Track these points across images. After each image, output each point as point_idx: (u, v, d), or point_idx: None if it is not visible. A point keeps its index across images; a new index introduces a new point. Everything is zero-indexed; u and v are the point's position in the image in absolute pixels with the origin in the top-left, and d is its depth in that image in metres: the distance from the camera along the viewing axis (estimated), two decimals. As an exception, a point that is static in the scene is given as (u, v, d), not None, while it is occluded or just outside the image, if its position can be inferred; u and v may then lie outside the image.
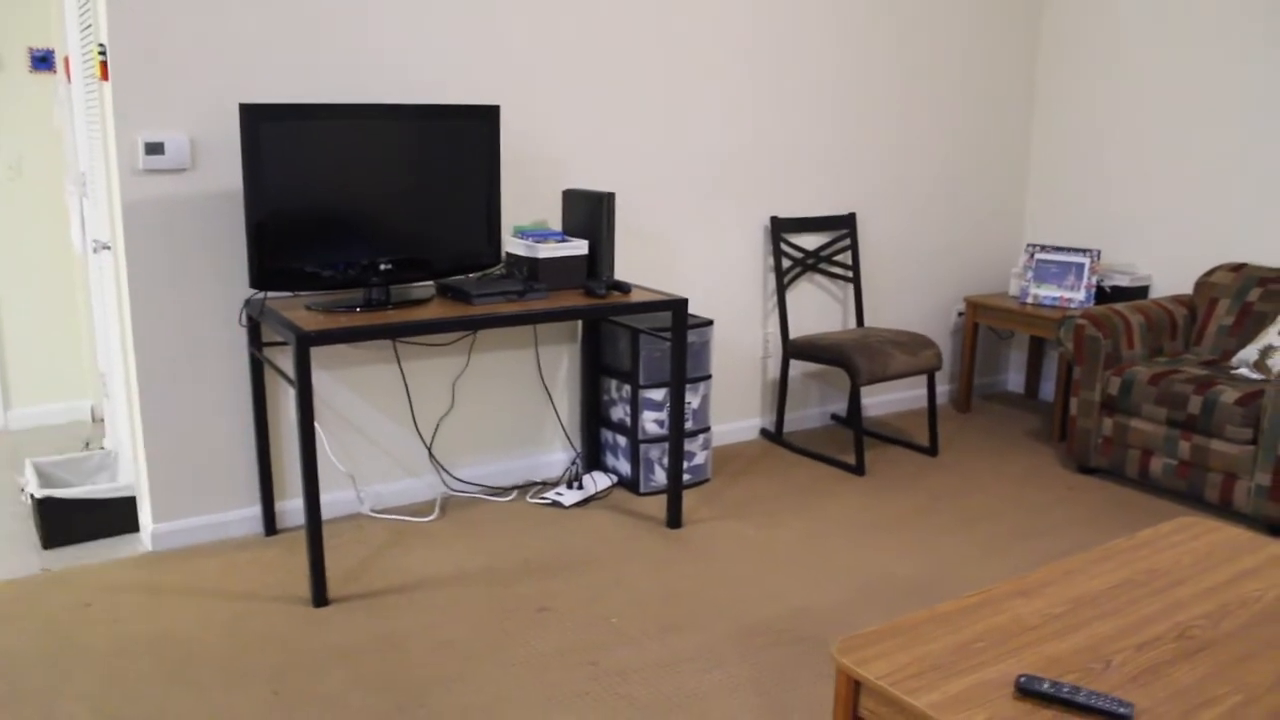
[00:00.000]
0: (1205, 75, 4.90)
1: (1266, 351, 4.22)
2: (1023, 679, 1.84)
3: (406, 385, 3.94)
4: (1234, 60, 4.79)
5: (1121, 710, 1.78)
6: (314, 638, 3.00)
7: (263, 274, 3.23)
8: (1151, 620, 2.18)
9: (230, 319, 3.56)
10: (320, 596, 3.20)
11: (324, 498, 3.86)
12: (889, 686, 1.86)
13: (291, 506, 3.79)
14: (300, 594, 3.27)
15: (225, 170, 3.46)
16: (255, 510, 3.73)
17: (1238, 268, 4.69)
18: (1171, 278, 5.16)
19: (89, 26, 3.53)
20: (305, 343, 3.03)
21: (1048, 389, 5.82)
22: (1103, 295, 5.11)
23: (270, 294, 3.56)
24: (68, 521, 3.60)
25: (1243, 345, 4.52)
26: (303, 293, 3.60)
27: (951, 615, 2.15)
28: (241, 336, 3.59)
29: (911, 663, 1.94)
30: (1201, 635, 2.12)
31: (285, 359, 3.66)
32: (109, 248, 3.65)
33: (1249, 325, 4.53)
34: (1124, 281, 5.10)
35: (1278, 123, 4.65)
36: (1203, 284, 4.78)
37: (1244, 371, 4.29)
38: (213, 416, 3.60)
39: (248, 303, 3.52)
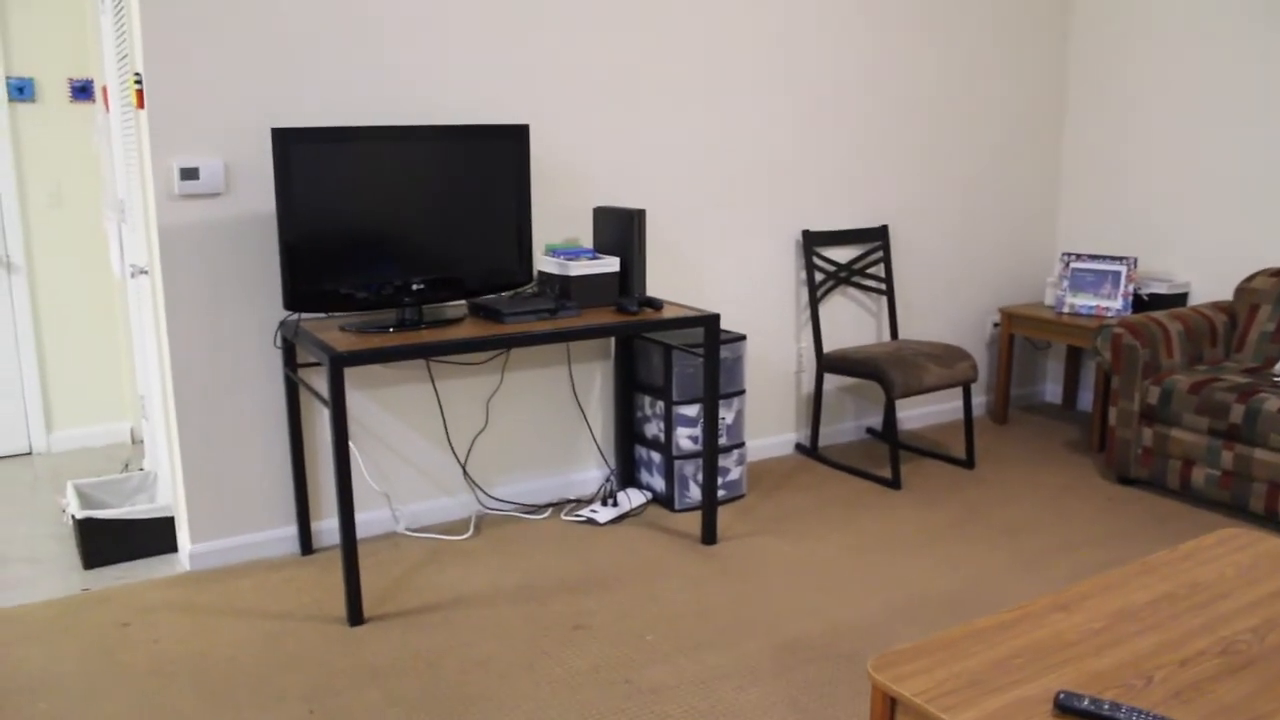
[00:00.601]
0: (1239, 78, 4.85)
1: (1309, 359, 4.16)
2: (1062, 696, 1.82)
3: (440, 404, 3.96)
4: (1269, 62, 4.73)
5: (1162, 726, 1.76)
6: (350, 656, 3.02)
7: (296, 296, 3.25)
8: (1194, 635, 2.14)
9: (265, 341, 3.60)
10: (356, 615, 3.21)
11: (359, 517, 3.88)
12: (925, 703, 1.84)
13: (327, 526, 3.81)
14: (336, 613, 3.28)
15: (259, 193, 3.50)
16: (291, 530, 3.75)
17: (1278, 273, 4.63)
18: (1211, 284, 5.09)
19: (125, 56, 3.58)
20: (339, 363, 3.05)
21: (1086, 399, 5.75)
22: (1140, 303, 5.05)
23: (304, 315, 3.59)
24: (107, 542, 3.64)
25: (1285, 353, 4.45)
26: (336, 314, 3.63)
27: (989, 631, 2.12)
28: (276, 358, 3.63)
29: (948, 679, 1.92)
30: (1247, 650, 2.08)
31: (320, 380, 3.69)
32: (146, 272, 3.69)
33: (1291, 333, 4.46)
34: (1162, 289, 5.04)
35: (1316, 127, 4.59)
36: (1243, 290, 4.71)
37: (1286, 380, 4.23)
38: (249, 437, 3.63)
39: (282, 324, 3.55)
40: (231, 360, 3.55)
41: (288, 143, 3.16)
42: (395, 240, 3.40)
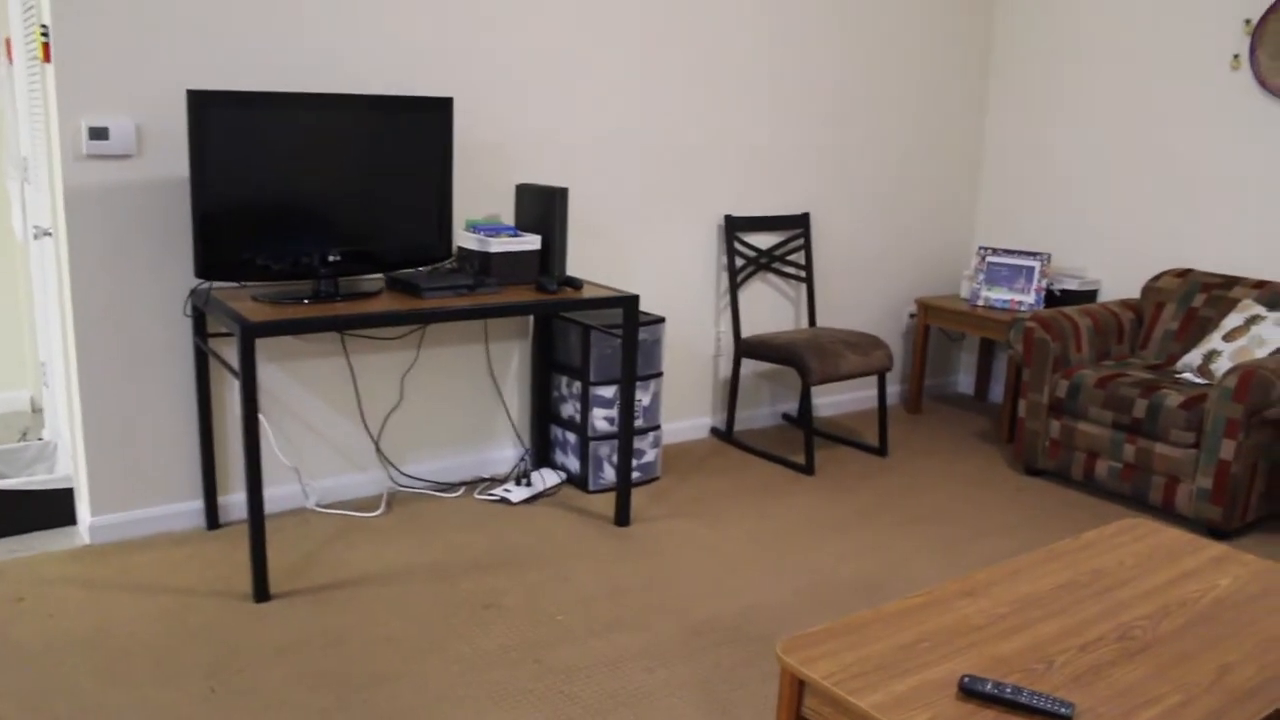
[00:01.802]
0: (1156, 84, 4.96)
1: (1210, 356, 4.27)
2: (966, 680, 1.85)
3: (355, 379, 3.89)
4: (1184, 72, 4.85)
5: (1062, 711, 1.79)
6: (254, 633, 2.96)
7: (208, 264, 3.17)
8: (1094, 621, 2.19)
9: (175, 309, 3.50)
10: (262, 591, 3.15)
11: (268, 492, 3.80)
12: (833, 686, 1.86)
13: (235, 500, 3.73)
14: (242, 589, 3.22)
15: (172, 157, 3.40)
16: (198, 504, 3.66)
17: (1183, 273, 4.75)
18: (1120, 282, 5.21)
19: (31, 7, 3.45)
20: (250, 334, 2.98)
21: (997, 391, 5.86)
22: (1052, 299, 5.15)
23: (216, 284, 3.50)
24: (2, 513, 3.52)
25: (1187, 350, 4.57)
26: (249, 283, 3.55)
27: (897, 615, 2.15)
28: (186, 327, 3.53)
29: (856, 663, 1.94)
30: (1142, 636, 2.14)
31: (230, 350, 3.61)
32: (50, 234, 3.57)
33: (1193, 330, 4.59)
34: (1073, 285, 5.15)
35: (1224, 132, 4.72)
36: (1149, 289, 4.84)
37: (1188, 376, 4.34)
38: (155, 408, 3.53)
39: (193, 292, 3.46)
40: (138, 328, 3.45)
41: (204, 105, 3.07)
42: (313, 210, 3.33)
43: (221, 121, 3.10)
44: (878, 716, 1.77)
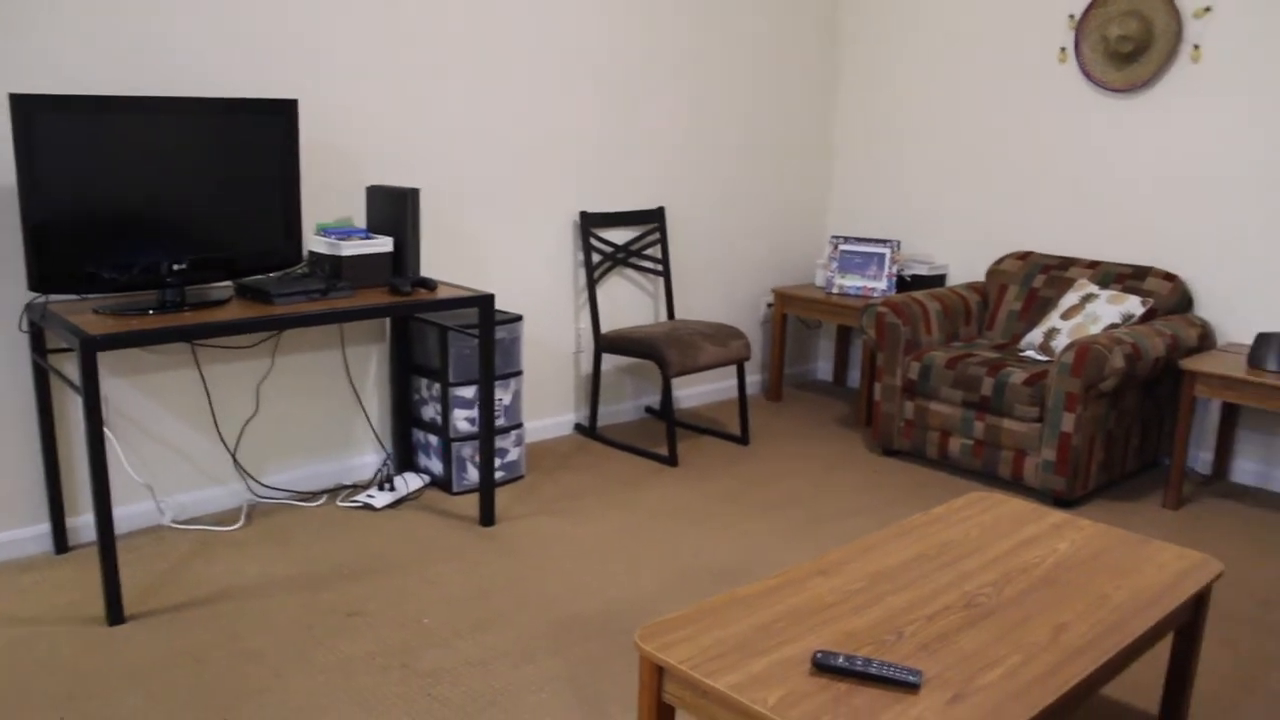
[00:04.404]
0: (992, 76, 5.16)
1: (1050, 334, 4.47)
2: (819, 655, 1.91)
3: (207, 390, 3.80)
4: (1016, 65, 5.05)
5: (910, 678, 1.86)
6: (109, 658, 2.87)
7: (43, 276, 3.05)
8: (942, 591, 2.28)
9: (9, 324, 3.36)
10: (116, 614, 3.05)
11: (120, 511, 3.68)
12: (690, 670, 1.90)
13: (85, 522, 3.60)
14: (94, 613, 3.11)
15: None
16: (44, 527, 3.53)
17: (1024, 256, 4.95)
18: (966, 266, 5.41)
19: None
20: (91, 347, 2.89)
21: (855, 377, 6.02)
22: (903, 284, 5.31)
23: (53, 297, 3.37)
24: None
25: (1030, 329, 4.77)
26: (90, 296, 3.43)
27: (752, 597, 2.20)
28: (23, 343, 3.40)
29: (712, 645, 1.98)
30: (987, 603, 2.23)
31: (72, 366, 3.48)
32: None
33: (1035, 310, 4.79)
34: (923, 270, 5.32)
35: (1056, 121, 4.93)
36: (993, 272, 5.03)
37: (1031, 353, 4.53)
38: (-7, 429, 3.40)
39: (28, 307, 3.33)
40: (-29, 347, 3.31)
41: (30, 110, 2.95)
42: (154, 218, 3.23)
43: (51, 127, 2.99)
44: (734, 696, 1.81)
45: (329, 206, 3.98)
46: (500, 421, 4.15)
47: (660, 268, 5.13)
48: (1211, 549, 3.81)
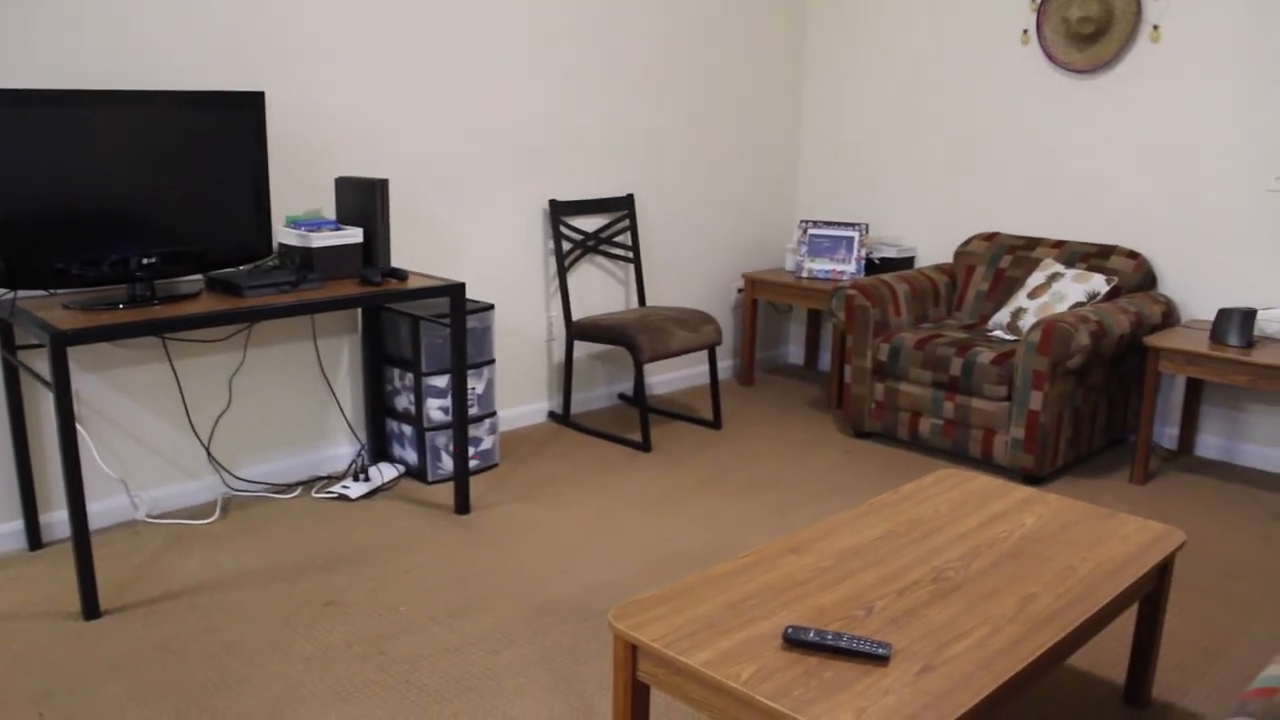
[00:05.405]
0: (957, 59, 5.20)
1: (1017, 314, 4.52)
2: (790, 630, 1.94)
3: (180, 384, 3.80)
4: (980, 47, 5.09)
5: (880, 651, 1.90)
6: (85, 652, 2.87)
7: (10, 273, 3.05)
8: (911, 567, 2.32)
9: (-22, 322, 3.36)
10: (91, 609, 3.05)
11: (94, 506, 3.68)
12: (663, 648, 1.92)
13: (59, 518, 3.60)
14: (69, 608, 3.11)
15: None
16: (17, 525, 3.52)
17: (990, 237, 5.00)
18: (934, 248, 5.46)
19: None
20: (61, 342, 2.89)
21: (826, 359, 6.07)
22: (872, 267, 5.36)
23: (21, 293, 3.36)
24: None
25: (998, 308, 4.83)
26: (59, 291, 3.42)
27: (724, 576, 2.23)
28: (-8, 340, 3.39)
29: (685, 624, 2.01)
30: (954, 577, 2.27)
31: (42, 362, 3.47)
32: None
33: (1002, 290, 4.84)
34: (891, 253, 5.36)
35: (1020, 103, 4.98)
36: (961, 253, 5.08)
37: (999, 333, 4.58)
38: (-37, 427, 3.39)
39: (-4, 304, 3.32)
40: (-61, 344, 3.30)
41: (-6, 109, 2.95)
42: (122, 213, 3.23)
43: (14, 121, 2.97)
44: (706, 672, 1.85)
45: (299, 198, 3.98)
46: (474, 410, 4.17)
47: (630, 255, 5.15)
48: (1177, 522, 3.87)
